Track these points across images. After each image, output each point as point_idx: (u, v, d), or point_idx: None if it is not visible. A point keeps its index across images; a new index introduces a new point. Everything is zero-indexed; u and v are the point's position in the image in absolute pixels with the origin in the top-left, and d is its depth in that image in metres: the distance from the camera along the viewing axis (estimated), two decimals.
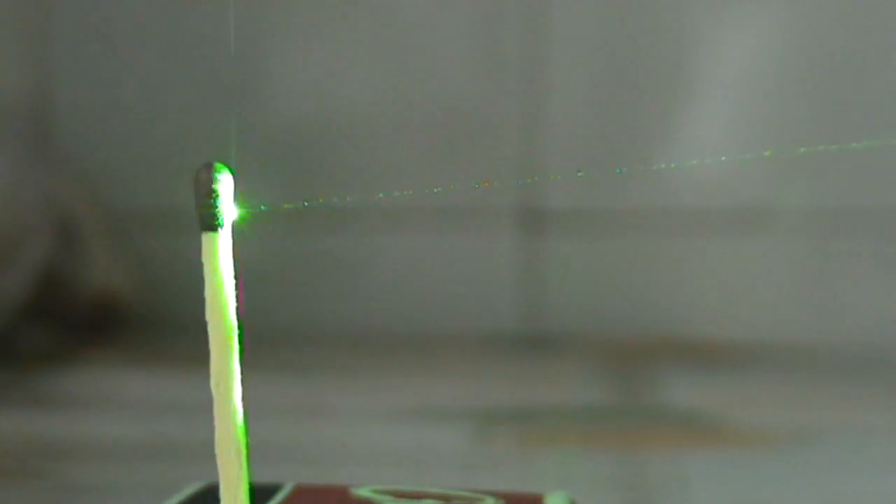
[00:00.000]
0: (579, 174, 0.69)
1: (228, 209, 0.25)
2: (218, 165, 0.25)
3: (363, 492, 0.29)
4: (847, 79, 0.72)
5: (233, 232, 0.25)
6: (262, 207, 0.23)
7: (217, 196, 0.25)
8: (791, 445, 0.47)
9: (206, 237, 0.25)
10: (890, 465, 0.45)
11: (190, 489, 0.29)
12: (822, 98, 0.72)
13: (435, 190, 0.71)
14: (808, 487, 0.42)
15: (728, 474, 0.44)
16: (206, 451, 0.26)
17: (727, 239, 0.73)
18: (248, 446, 0.26)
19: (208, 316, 0.26)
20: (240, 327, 0.24)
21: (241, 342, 0.25)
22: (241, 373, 0.25)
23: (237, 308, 0.25)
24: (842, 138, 0.72)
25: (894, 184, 0.72)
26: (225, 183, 0.25)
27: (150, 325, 0.73)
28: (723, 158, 0.72)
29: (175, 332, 0.69)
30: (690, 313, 0.73)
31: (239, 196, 0.22)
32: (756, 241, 0.73)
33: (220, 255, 0.25)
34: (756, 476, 0.43)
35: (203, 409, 0.27)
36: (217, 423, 0.25)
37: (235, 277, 0.26)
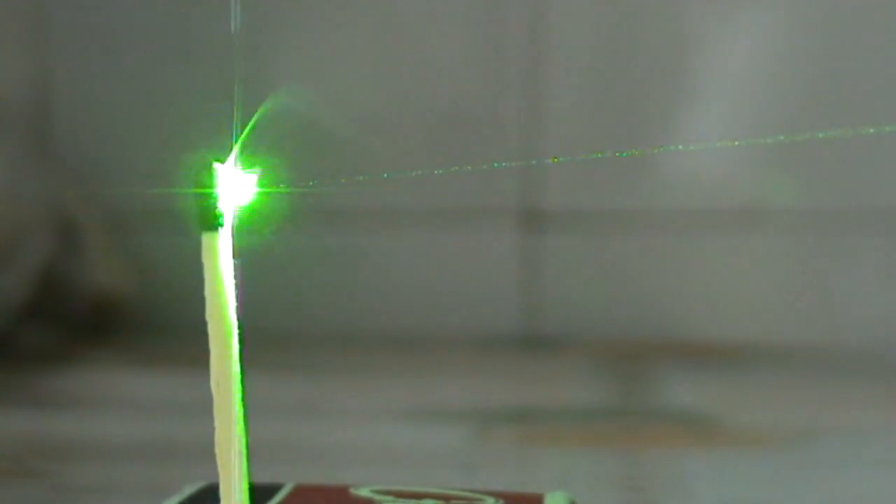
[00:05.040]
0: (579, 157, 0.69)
1: (228, 208, 0.25)
2: (218, 165, 0.25)
3: (363, 492, 0.29)
4: (851, 78, 0.72)
5: (233, 231, 0.25)
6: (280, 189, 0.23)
7: (217, 196, 0.25)
8: (791, 445, 0.47)
9: (206, 237, 0.25)
10: (890, 465, 0.45)
11: (190, 489, 0.29)
12: (825, 94, 0.72)
13: (438, 171, 0.71)
14: (808, 487, 0.42)
15: (728, 474, 0.44)
16: (206, 451, 0.26)
17: (727, 239, 0.73)
18: (248, 446, 0.26)
19: (208, 316, 0.26)
20: (240, 327, 0.24)
21: (241, 342, 0.25)
22: (241, 373, 0.25)
23: (237, 308, 0.25)
24: (845, 138, 0.72)
25: (894, 184, 0.72)
26: (225, 182, 0.25)
27: (150, 324, 0.73)
28: (717, 144, 0.72)
29: (175, 332, 0.69)
30: (690, 313, 0.73)
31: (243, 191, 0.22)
32: (756, 241, 0.72)
33: (220, 255, 0.25)
34: (756, 476, 0.43)
35: (203, 409, 0.27)
36: (217, 423, 0.25)
37: (235, 277, 0.26)
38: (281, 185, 0.26)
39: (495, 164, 0.74)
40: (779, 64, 0.72)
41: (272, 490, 0.28)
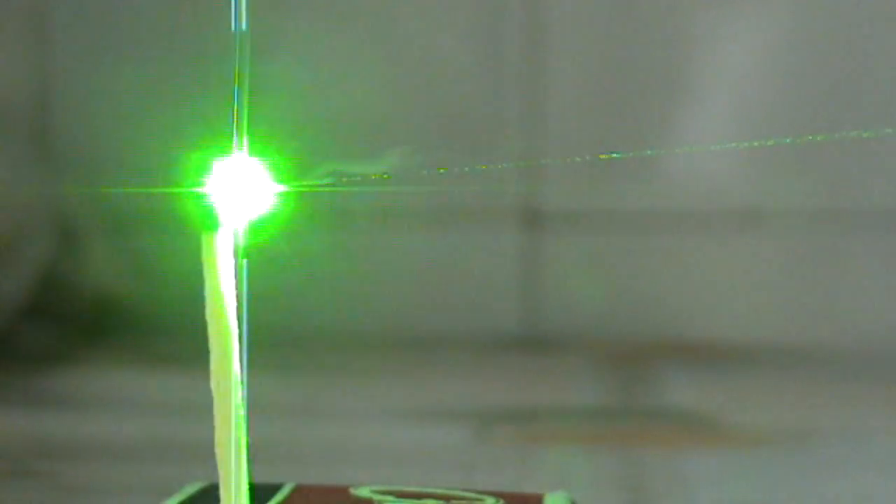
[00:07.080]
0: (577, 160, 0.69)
1: (228, 208, 0.25)
2: (218, 164, 0.25)
3: (363, 492, 0.29)
4: (852, 79, 0.72)
5: (233, 231, 0.25)
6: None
7: (217, 195, 0.25)
8: (791, 445, 0.47)
9: (205, 237, 0.25)
10: (890, 465, 0.45)
11: (190, 489, 0.29)
12: (826, 94, 0.72)
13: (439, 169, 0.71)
14: (808, 487, 0.42)
15: (728, 474, 0.44)
16: (206, 451, 0.26)
17: (727, 239, 0.73)
18: (248, 446, 0.26)
19: (208, 316, 0.26)
20: (240, 327, 0.24)
21: (241, 342, 0.25)
22: (242, 373, 0.26)
23: (237, 308, 0.25)
24: (845, 139, 0.72)
25: (894, 184, 0.72)
26: (225, 182, 0.25)
27: (150, 324, 0.73)
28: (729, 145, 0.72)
29: (174, 332, 0.69)
30: (690, 313, 0.73)
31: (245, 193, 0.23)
32: (756, 241, 0.72)
33: (220, 255, 0.25)
34: (756, 476, 0.43)
35: (203, 409, 0.27)
36: (217, 423, 0.25)
37: (237, 277, 0.26)
38: (280, 185, 0.26)
39: (491, 167, 0.74)
40: (780, 63, 0.72)
41: (272, 490, 0.28)
